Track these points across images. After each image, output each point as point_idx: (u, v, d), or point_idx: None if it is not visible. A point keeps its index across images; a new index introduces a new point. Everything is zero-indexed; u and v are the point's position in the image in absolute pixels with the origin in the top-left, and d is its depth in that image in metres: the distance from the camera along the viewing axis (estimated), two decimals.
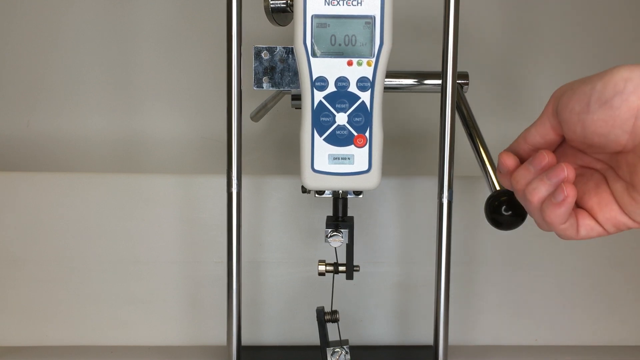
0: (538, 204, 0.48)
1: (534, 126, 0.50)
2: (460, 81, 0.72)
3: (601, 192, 0.48)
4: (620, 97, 0.44)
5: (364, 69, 0.57)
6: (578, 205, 0.49)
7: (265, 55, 0.63)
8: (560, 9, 0.94)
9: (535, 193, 0.48)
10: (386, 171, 0.60)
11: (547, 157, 0.48)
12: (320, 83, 0.57)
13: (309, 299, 0.81)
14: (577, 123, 0.46)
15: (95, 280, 0.81)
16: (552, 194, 0.47)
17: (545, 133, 0.49)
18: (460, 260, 0.80)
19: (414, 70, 0.75)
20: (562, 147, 0.51)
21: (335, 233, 0.63)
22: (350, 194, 0.64)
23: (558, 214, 0.47)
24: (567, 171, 0.46)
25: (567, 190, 0.46)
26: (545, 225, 0.49)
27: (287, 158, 0.95)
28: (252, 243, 0.81)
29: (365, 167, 0.58)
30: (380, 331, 0.82)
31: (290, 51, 0.63)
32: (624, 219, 0.47)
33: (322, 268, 0.67)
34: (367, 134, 0.58)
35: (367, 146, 0.58)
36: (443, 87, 0.64)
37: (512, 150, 0.52)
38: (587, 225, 0.48)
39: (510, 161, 0.51)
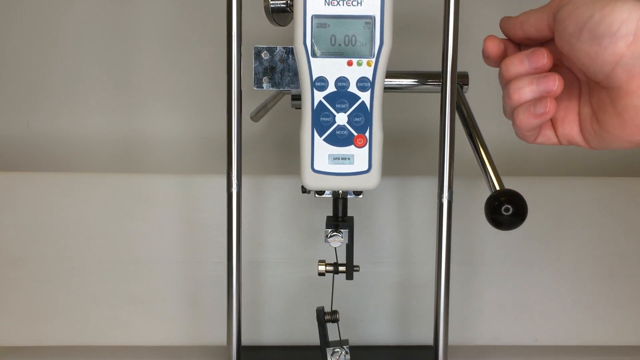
0: (516, 103, 0.48)
1: (532, 16, 0.49)
2: (460, 81, 0.72)
3: (570, 107, 0.48)
4: (610, 38, 0.43)
5: (364, 69, 0.57)
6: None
7: (265, 55, 0.63)
8: None
9: (519, 93, 0.47)
10: (386, 171, 0.60)
11: (545, 58, 0.47)
12: (320, 83, 0.57)
13: (309, 299, 0.81)
14: (566, 43, 0.45)
15: (95, 280, 0.81)
16: (533, 102, 0.47)
17: (542, 28, 0.48)
18: (460, 260, 0.80)
19: (414, 70, 0.75)
20: (552, 43, 0.49)
21: (335, 233, 0.63)
22: (350, 194, 0.64)
23: (530, 122, 0.47)
24: (557, 84, 0.46)
25: (550, 106, 0.46)
26: (510, 117, 0.49)
27: (287, 158, 0.95)
28: (252, 243, 0.81)
29: (365, 167, 0.59)
30: (380, 331, 0.82)
31: (290, 51, 0.63)
32: (579, 140, 0.48)
33: (322, 268, 0.67)
34: (367, 134, 0.58)
35: (367, 146, 0.58)
36: (443, 87, 0.64)
37: (504, 29, 0.52)
38: (546, 135, 0.49)
39: (494, 48, 0.50)
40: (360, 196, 0.64)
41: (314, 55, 0.57)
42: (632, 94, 0.43)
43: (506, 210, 0.58)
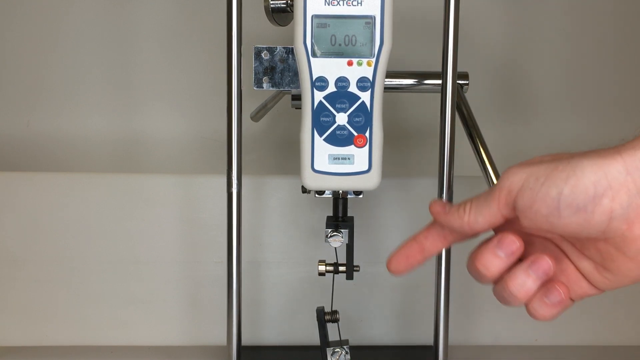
0: (525, 300, 0.46)
1: (482, 215, 0.47)
2: (460, 81, 0.72)
3: (566, 269, 0.47)
4: (592, 202, 0.41)
5: (364, 69, 0.57)
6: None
7: (265, 55, 0.63)
8: (560, 9, 0.94)
9: (524, 290, 0.45)
10: (386, 171, 0.60)
11: (517, 242, 0.46)
12: (320, 83, 0.57)
13: (309, 299, 0.81)
14: (544, 223, 0.43)
15: (95, 280, 0.81)
16: (543, 293, 0.45)
17: (495, 222, 0.46)
18: (460, 260, 0.80)
19: (414, 70, 0.75)
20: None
21: (335, 233, 0.63)
22: (350, 194, 0.64)
23: (553, 313, 0.46)
24: (550, 263, 0.45)
25: (563, 290, 0.45)
26: (514, 304, 0.47)
27: (287, 158, 0.95)
28: (252, 243, 0.81)
29: (365, 167, 0.58)
30: (380, 331, 0.82)
31: (290, 51, 0.63)
32: (592, 292, 0.47)
33: (322, 268, 0.67)
34: (367, 134, 0.58)
35: (367, 146, 0.58)
36: (443, 87, 0.64)
37: (446, 221, 0.49)
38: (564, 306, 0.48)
39: (439, 208, 0.49)
40: (360, 196, 0.64)
41: (314, 55, 0.57)
42: (638, 239, 0.42)
43: None
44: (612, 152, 0.41)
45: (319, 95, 0.58)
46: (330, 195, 0.64)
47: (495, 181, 0.64)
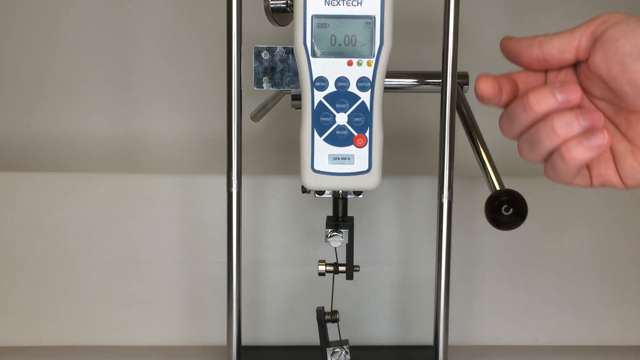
0: (561, 140, 0.44)
1: (559, 36, 0.45)
2: (460, 81, 0.72)
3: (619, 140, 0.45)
4: None
5: (364, 69, 0.57)
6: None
7: (265, 55, 0.63)
8: (560, 9, 0.94)
9: (567, 128, 0.43)
10: (386, 171, 0.60)
11: (578, 92, 0.43)
12: (320, 83, 0.57)
13: (309, 299, 0.81)
14: (618, 63, 0.42)
15: (95, 280, 0.81)
16: (584, 136, 0.43)
17: (567, 49, 0.45)
18: (460, 260, 0.80)
19: (414, 70, 0.75)
20: (569, 71, 0.47)
21: (335, 233, 0.63)
22: (350, 194, 0.64)
23: (585, 157, 0.43)
24: (602, 119, 0.43)
25: (607, 136, 0.42)
26: (539, 155, 0.45)
27: (287, 158, 0.95)
28: (252, 243, 0.81)
29: (365, 167, 0.58)
30: (380, 331, 0.82)
31: (290, 51, 0.63)
32: (615, 180, 0.45)
33: (322, 268, 0.67)
34: (367, 134, 0.58)
35: (367, 146, 0.58)
36: (443, 87, 0.64)
37: (516, 47, 0.48)
38: (584, 174, 0.46)
39: (488, 89, 0.46)
40: (360, 196, 0.64)
41: (314, 55, 0.57)
42: None
43: (506, 210, 0.58)
44: None
45: (319, 95, 0.58)
46: (330, 195, 0.64)
47: (495, 181, 0.64)
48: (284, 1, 0.64)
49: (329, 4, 0.56)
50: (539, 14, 0.94)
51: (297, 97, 0.65)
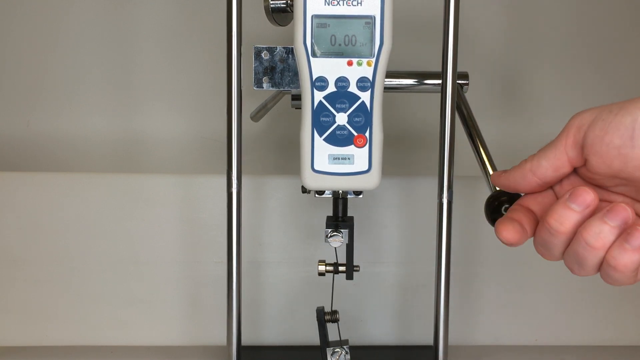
0: (602, 252, 0.42)
1: (545, 158, 0.45)
2: (460, 81, 0.72)
3: None
4: None
5: (364, 69, 0.57)
6: None
7: (265, 55, 0.63)
8: (560, 9, 0.94)
9: (601, 238, 0.41)
10: (386, 171, 0.60)
11: (591, 194, 0.42)
12: (320, 83, 0.57)
13: (309, 299, 0.81)
14: (616, 158, 0.42)
15: (95, 280, 0.81)
16: (623, 239, 0.41)
17: (560, 166, 0.45)
18: (460, 260, 0.80)
19: (414, 70, 0.75)
20: (569, 178, 0.47)
21: (335, 233, 0.63)
22: (350, 194, 0.64)
23: (635, 260, 0.41)
24: (629, 210, 0.41)
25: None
26: (589, 271, 0.43)
27: (287, 158, 0.95)
28: (252, 243, 0.81)
29: (365, 167, 0.58)
30: (380, 331, 0.82)
31: (290, 51, 0.63)
32: None
33: (322, 268, 0.67)
34: (367, 134, 0.58)
35: (367, 146, 0.58)
36: (443, 87, 0.64)
37: (510, 181, 0.47)
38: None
39: (514, 234, 0.46)
40: (360, 196, 0.64)
41: (314, 55, 0.57)
42: None
43: (506, 210, 0.58)
44: None
45: (319, 95, 0.58)
46: (330, 195, 0.64)
47: None
48: (284, 1, 0.64)
49: (329, 4, 0.56)
50: (538, 14, 0.94)
51: (297, 97, 0.65)
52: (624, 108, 0.42)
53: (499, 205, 0.59)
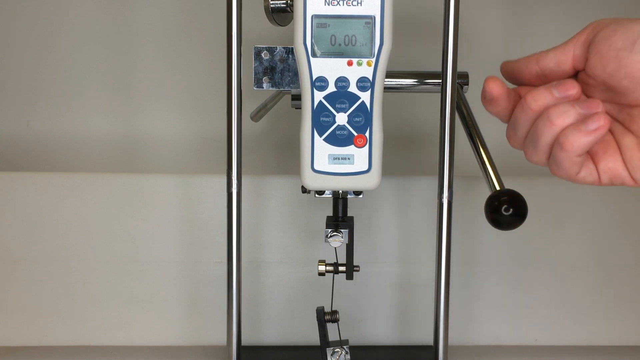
0: (559, 129, 0.44)
1: (554, 50, 0.47)
2: (460, 81, 0.72)
3: (608, 140, 0.46)
4: None
5: (364, 69, 0.57)
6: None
7: (265, 55, 0.63)
8: (560, 9, 0.94)
9: (563, 116, 0.44)
10: (386, 171, 0.60)
11: (576, 87, 0.44)
12: (320, 83, 0.57)
13: (309, 299, 0.81)
14: (613, 59, 0.43)
15: (95, 280, 0.81)
16: (581, 122, 0.43)
17: (564, 61, 0.46)
18: (460, 260, 0.80)
19: (414, 70, 0.75)
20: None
21: (335, 233, 0.63)
22: (350, 194, 0.64)
23: (583, 141, 0.43)
24: (601, 106, 0.43)
25: (603, 119, 0.42)
26: (542, 152, 0.46)
27: (287, 158, 0.95)
28: (252, 243, 0.81)
29: (365, 167, 0.58)
30: (380, 331, 0.82)
31: (290, 51, 0.63)
32: (623, 174, 0.45)
33: (322, 268, 0.67)
34: (367, 134, 0.58)
35: (367, 146, 0.58)
36: (443, 87, 0.64)
37: (514, 67, 0.49)
38: (589, 168, 0.46)
39: (498, 89, 0.47)
40: (360, 196, 0.64)
41: (314, 55, 0.57)
42: None
43: (506, 210, 0.58)
44: None
45: (319, 95, 0.58)
46: (330, 195, 0.64)
47: (495, 181, 0.64)
48: (284, 1, 0.65)
49: (329, 4, 0.56)
50: (538, 14, 0.94)
51: (297, 97, 0.65)
52: (638, 21, 0.43)
53: (499, 205, 0.59)
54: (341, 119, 0.58)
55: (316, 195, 0.64)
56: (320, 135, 0.58)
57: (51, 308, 0.81)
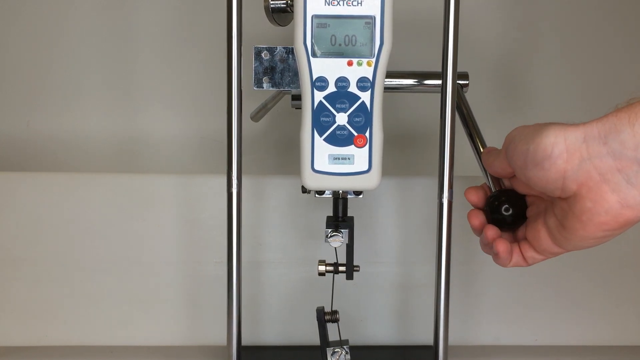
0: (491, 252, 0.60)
1: (497, 159, 0.58)
2: (460, 81, 0.72)
3: (537, 227, 0.56)
4: (548, 161, 0.50)
5: (364, 69, 0.57)
6: (524, 239, 0.58)
7: (265, 55, 0.64)
8: (560, 9, 0.94)
9: (488, 250, 0.61)
10: (386, 171, 0.60)
11: (503, 247, 0.58)
12: (320, 83, 0.57)
13: (309, 299, 0.81)
14: (520, 174, 0.54)
15: (95, 280, 0.81)
16: (496, 255, 0.59)
17: (505, 168, 0.57)
18: (460, 260, 0.80)
19: (414, 70, 0.75)
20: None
21: (335, 233, 0.63)
22: (350, 194, 0.64)
23: (502, 259, 0.59)
24: (503, 245, 0.58)
25: (502, 249, 0.58)
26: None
27: (287, 158, 0.95)
28: (252, 243, 0.81)
29: (365, 167, 0.59)
30: (380, 331, 0.82)
31: (290, 51, 0.63)
32: (555, 249, 0.56)
33: (322, 268, 0.67)
34: (367, 134, 0.58)
35: (367, 146, 0.58)
36: (443, 87, 0.64)
37: (486, 165, 0.61)
38: (530, 256, 0.58)
39: (474, 197, 0.62)
40: (360, 196, 0.64)
41: (314, 55, 0.57)
42: (583, 198, 0.49)
43: (506, 210, 0.58)
44: (579, 124, 0.49)
45: (319, 95, 0.58)
46: (330, 195, 0.64)
47: (495, 181, 0.64)
48: (284, 1, 0.65)
49: (329, 4, 0.56)
50: (538, 14, 0.94)
51: (297, 97, 0.65)
52: (526, 136, 0.52)
53: (499, 205, 0.59)
54: (341, 119, 0.58)
55: (316, 195, 0.64)
56: (321, 135, 0.58)
57: (51, 308, 0.81)
